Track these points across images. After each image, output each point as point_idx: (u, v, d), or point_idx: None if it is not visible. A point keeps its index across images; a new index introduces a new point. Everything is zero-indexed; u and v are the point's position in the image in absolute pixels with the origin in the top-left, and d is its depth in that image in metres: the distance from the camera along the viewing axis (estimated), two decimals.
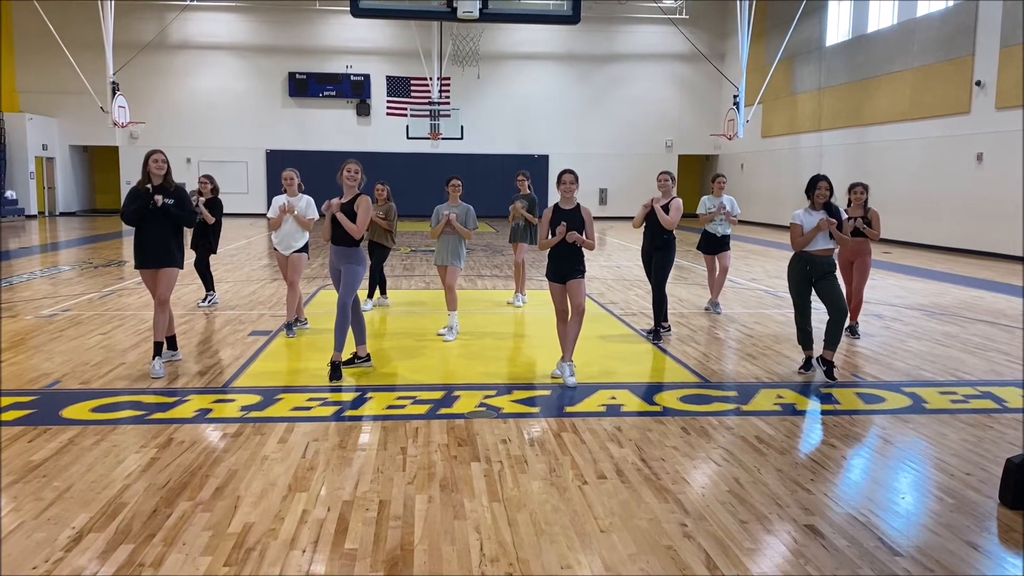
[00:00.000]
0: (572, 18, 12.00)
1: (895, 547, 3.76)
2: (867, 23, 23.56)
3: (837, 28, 25.27)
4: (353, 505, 4.16)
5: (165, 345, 7.05)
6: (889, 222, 21.17)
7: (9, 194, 27.77)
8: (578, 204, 6.76)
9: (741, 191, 30.31)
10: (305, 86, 31.45)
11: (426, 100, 29.78)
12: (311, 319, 9.17)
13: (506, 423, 5.59)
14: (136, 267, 6.92)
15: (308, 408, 5.91)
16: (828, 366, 6.95)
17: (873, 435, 5.50)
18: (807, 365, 7.13)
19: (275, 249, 8.65)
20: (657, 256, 8.60)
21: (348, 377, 6.82)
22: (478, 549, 3.68)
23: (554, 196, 6.86)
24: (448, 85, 30.48)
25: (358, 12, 11.58)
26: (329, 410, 5.87)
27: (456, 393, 6.34)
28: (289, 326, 8.59)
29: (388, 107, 31.25)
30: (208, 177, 10.27)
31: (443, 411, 5.86)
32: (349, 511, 4.08)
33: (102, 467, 4.64)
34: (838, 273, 7.14)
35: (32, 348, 7.75)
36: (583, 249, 6.71)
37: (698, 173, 34.29)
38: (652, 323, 8.79)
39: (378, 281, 10.24)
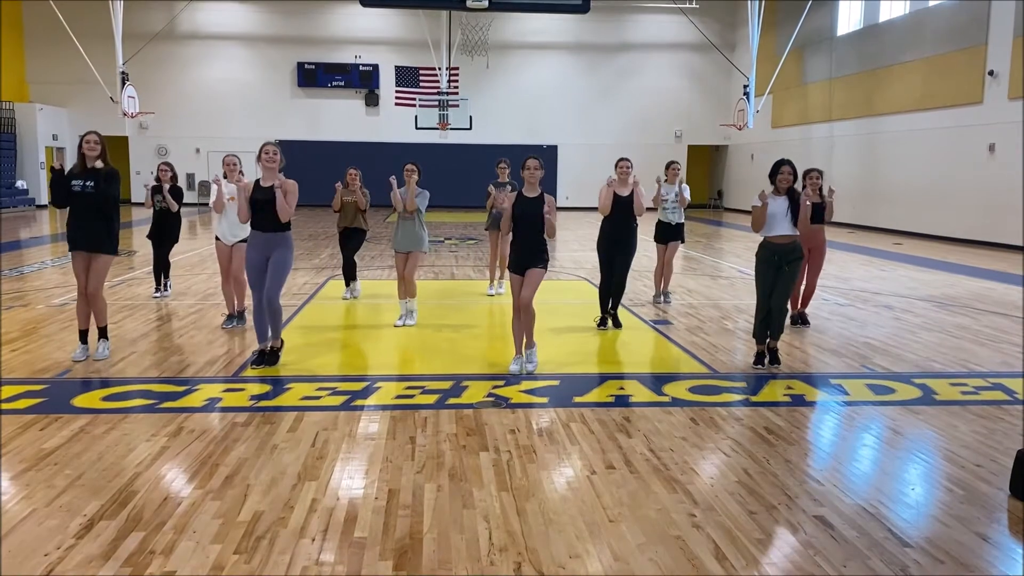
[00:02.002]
0: (582, 7, 11.96)
1: (905, 538, 3.75)
2: (879, 12, 23.36)
3: (848, 17, 25.08)
4: (362, 494, 4.17)
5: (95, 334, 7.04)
6: (900, 213, 21.26)
7: (20, 184, 27.89)
8: (542, 192, 6.68)
9: (751, 182, 30.19)
10: (314, 76, 31.42)
11: (435, 90, 29.70)
12: (319, 309, 9.18)
13: (515, 413, 5.59)
14: (69, 249, 6.83)
15: (317, 397, 5.92)
16: (773, 354, 7.04)
17: (883, 426, 5.48)
18: (761, 359, 7.05)
19: (217, 239, 8.46)
20: (623, 245, 8.35)
21: (357, 367, 6.83)
22: (487, 538, 3.69)
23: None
24: (457, 75, 30.39)
25: (367, 1, 11.56)
26: (338, 399, 5.88)
27: (464, 383, 6.35)
28: (232, 317, 8.43)
29: (397, 97, 31.20)
30: (168, 164, 10.06)
31: (452, 401, 5.86)
32: (358, 500, 4.10)
33: (113, 455, 4.66)
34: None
35: (44, 337, 7.79)
36: (546, 240, 6.62)
37: (708, 164, 34.18)
38: (603, 312, 8.58)
39: (351, 269, 10.18)
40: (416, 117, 29.29)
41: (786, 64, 25.70)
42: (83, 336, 6.98)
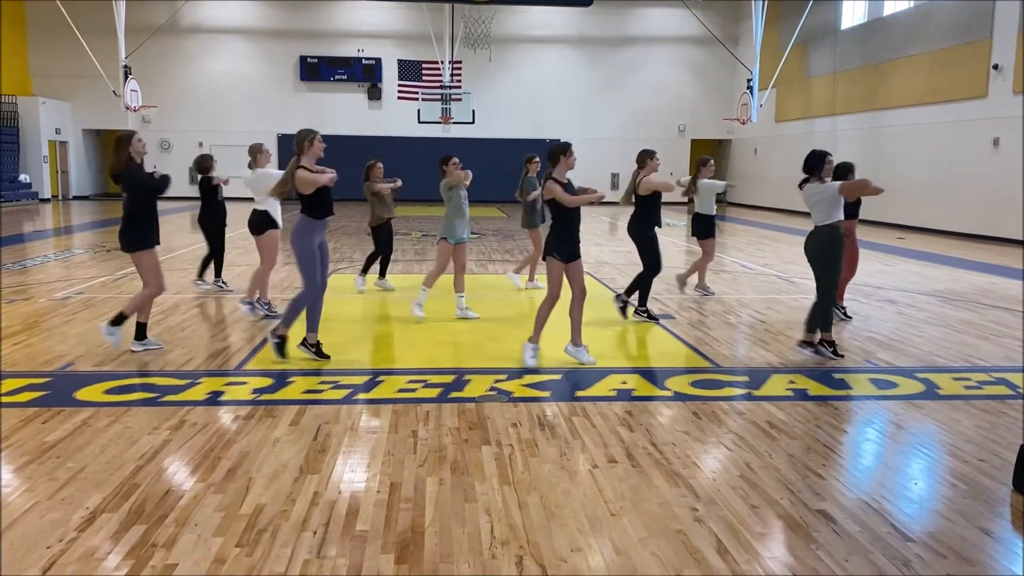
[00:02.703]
0: (584, 1, 11.90)
1: (907, 533, 3.74)
2: (883, 6, 23.29)
3: (852, 11, 25.00)
4: (364, 487, 4.17)
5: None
6: (904, 207, 21.20)
7: (23, 178, 27.90)
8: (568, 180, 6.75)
9: (754, 176, 30.19)
10: (316, 70, 31.40)
11: (438, 84, 29.68)
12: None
13: (517, 407, 5.59)
14: (152, 245, 6.91)
15: (319, 391, 5.92)
16: (817, 343, 7.04)
17: (886, 421, 5.47)
18: (836, 349, 7.07)
19: (278, 228, 8.57)
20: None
21: (359, 361, 6.83)
22: (488, 531, 3.69)
23: (574, 178, 6.81)
24: (460, 69, 30.36)
25: None
26: (340, 393, 5.88)
27: (467, 377, 6.35)
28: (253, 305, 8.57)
29: (399, 91, 31.18)
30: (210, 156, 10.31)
31: (454, 395, 5.86)
32: (360, 493, 4.10)
33: (115, 448, 4.66)
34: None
35: (46, 330, 7.79)
36: None
37: (712, 158, 34.09)
38: (627, 298, 8.73)
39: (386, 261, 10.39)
40: (419, 111, 29.29)
41: (790, 58, 25.64)
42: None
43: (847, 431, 5.32)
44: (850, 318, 8.72)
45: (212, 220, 10.01)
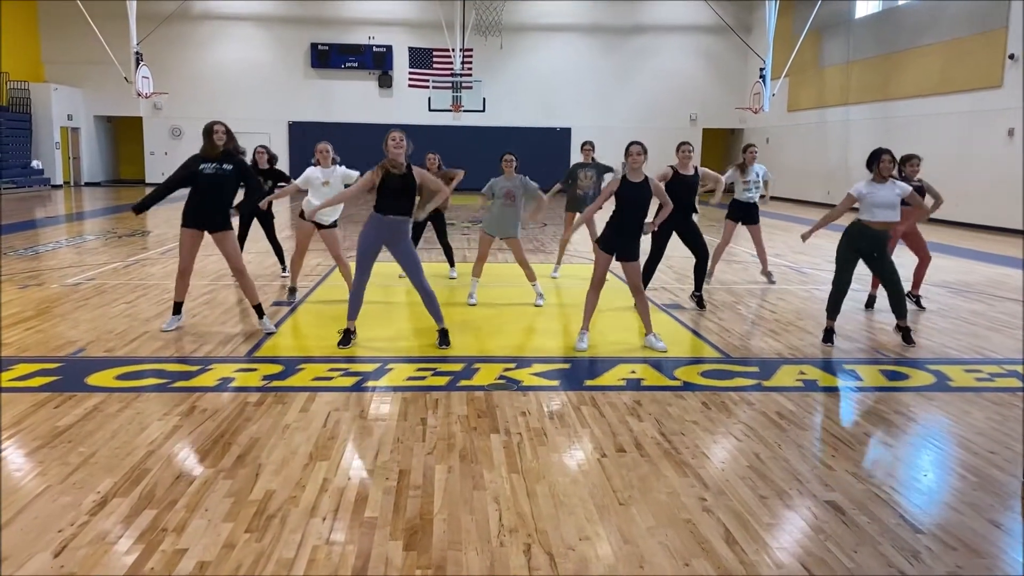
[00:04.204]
0: None
1: (917, 524, 3.73)
2: None
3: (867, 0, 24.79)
4: (373, 474, 4.19)
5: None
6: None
7: (35, 164, 28.02)
8: (646, 177, 6.78)
9: (766, 165, 29.97)
10: (327, 57, 31.34)
11: (448, 72, 29.60)
12: (332, 291, 9.19)
13: (526, 396, 5.59)
14: (186, 226, 7.17)
15: (329, 378, 5.94)
16: (906, 332, 7.28)
17: (896, 412, 5.45)
18: (830, 335, 7.29)
19: (305, 220, 8.59)
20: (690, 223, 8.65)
21: (369, 349, 6.85)
22: (497, 519, 3.69)
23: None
24: (471, 57, 30.26)
25: None
26: (350, 380, 5.90)
27: (476, 366, 6.35)
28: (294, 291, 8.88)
29: (410, 79, 31.11)
30: (264, 147, 10.21)
31: (463, 383, 5.87)
32: (369, 480, 4.11)
33: (126, 434, 4.69)
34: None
35: (58, 316, 7.84)
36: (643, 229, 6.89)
37: (723, 147, 33.95)
38: (694, 289, 9.03)
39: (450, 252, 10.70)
40: (429, 99, 29.21)
41: (803, 47, 25.44)
42: (177, 308, 7.40)
43: (857, 422, 5.30)
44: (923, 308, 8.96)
45: (267, 213, 10.17)
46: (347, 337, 6.88)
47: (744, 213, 10.22)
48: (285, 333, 7.45)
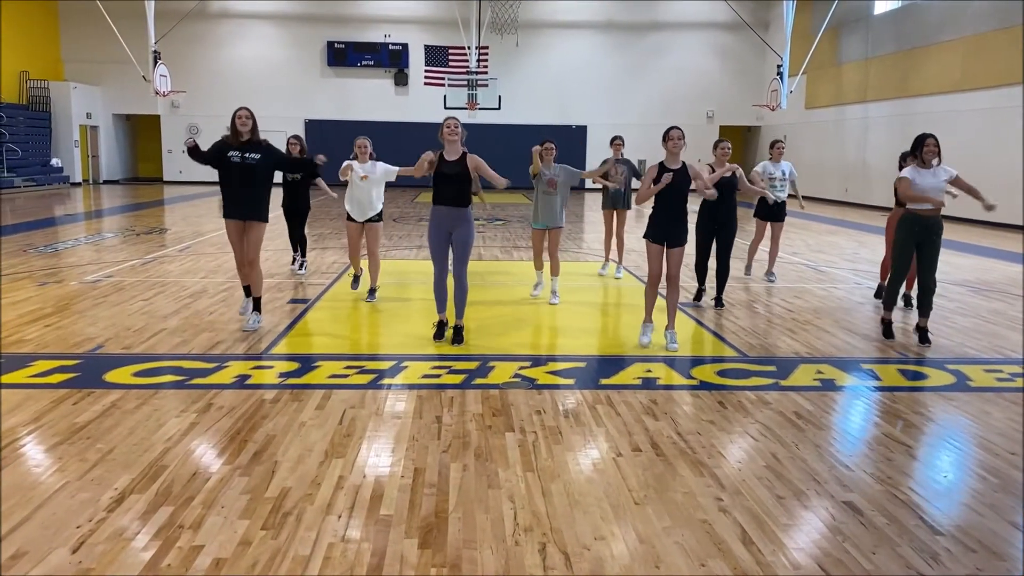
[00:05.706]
0: None
1: (936, 526, 3.69)
2: None
3: None
4: (388, 472, 4.19)
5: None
6: None
7: (55, 162, 28.28)
8: (684, 163, 6.79)
9: None
10: (343, 55, 31.44)
11: (464, 70, 29.59)
12: (344, 289, 9.21)
13: (541, 394, 5.58)
14: (225, 216, 7.23)
15: (345, 376, 5.95)
16: (923, 332, 7.22)
17: (915, 412, 5.40)
18: (889, 328, 7.40)
19: (349, 218, 8.71)
20: (727, 224, 8.72)
21: (384, 346, 6.86)
22: (512, 518, 3.69)
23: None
24: (486, 54, 30.21)
25: None
26: (366, 378, 5.91)
27: (491, 364, 6.35)
28: (358, 279, 9.03)
29: (426, 77, 31.11)
30: (297, 138, 10.18)
31: (478, 381, 5.87)
32: (384, 478, 4.12)
33: (144, 430, 4.72)
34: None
35: (76, 313, 7.90)
36: (687, 215, 6.89)
37: (740, 145, 33.76)
38: (715, 292, 8.99)
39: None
40: (445, 97, 29.17)
41: (821, 43, 25.23)
42: (248, 291, 7.45)
43: (875, 422, 5.26)
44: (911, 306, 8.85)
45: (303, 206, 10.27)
46: (440, 330, 6.98)
47: (771, 210, 10.29)
48: (302, 330, 7.47)
